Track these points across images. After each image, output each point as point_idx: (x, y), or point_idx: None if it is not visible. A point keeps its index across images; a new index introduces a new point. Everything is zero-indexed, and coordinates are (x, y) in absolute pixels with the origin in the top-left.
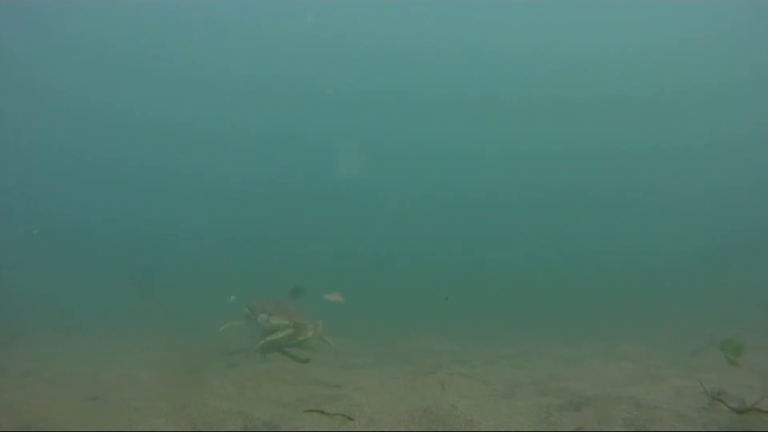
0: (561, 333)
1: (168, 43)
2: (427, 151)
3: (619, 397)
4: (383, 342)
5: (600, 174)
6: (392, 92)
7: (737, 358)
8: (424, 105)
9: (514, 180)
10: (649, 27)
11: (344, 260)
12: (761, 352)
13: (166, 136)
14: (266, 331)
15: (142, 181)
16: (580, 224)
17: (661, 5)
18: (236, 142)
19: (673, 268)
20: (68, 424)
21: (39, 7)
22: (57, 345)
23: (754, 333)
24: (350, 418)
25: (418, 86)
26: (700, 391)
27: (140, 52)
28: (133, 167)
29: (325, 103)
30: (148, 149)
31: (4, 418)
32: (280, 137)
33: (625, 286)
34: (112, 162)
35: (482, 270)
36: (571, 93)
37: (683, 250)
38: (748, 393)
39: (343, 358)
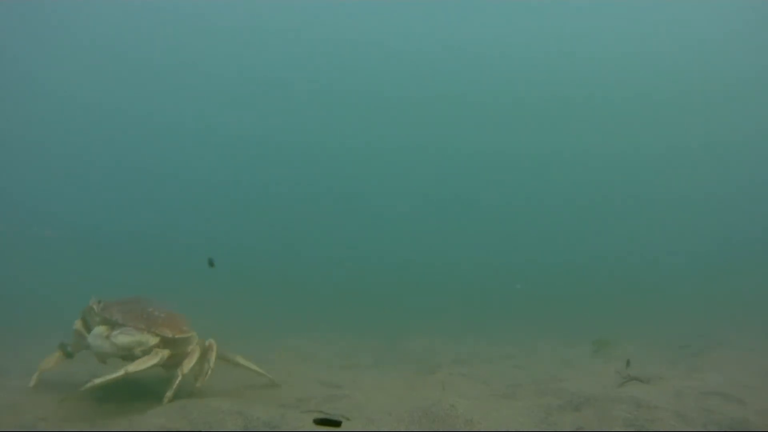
0: (561, 333)
1: (165, 43)
2: (431, 151)
3: (619, 397)
4: (383, 342)
5: (600, 176)
6: (391, 93)
7: (604, 350)
8: (424, 106)
9: (515, 182)
10: (651, 28)
11: (344, 261)
12: (761, 353)
13: (166, 137)
14: (109, 355)
15: (142, 181)
16: (581, 226)
17: (663, 6)
18: (235, 144)
19: (674, 269)
20: (69, 424)
21: (36, 7)
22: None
23: (754, 334)
24: (347, 419)
25: (418, 87)
26: (700, 392)
27: (139, 51)
28: (133, 168)
29: (323, 105)
30: (148, 150)
31: (5, 419)
32: (280, 138)
33: (625, 287)
34: (111, 162)
35: (483, 270)
36: (572, 95)
37: (684, 252)
38: (748, 393)
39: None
